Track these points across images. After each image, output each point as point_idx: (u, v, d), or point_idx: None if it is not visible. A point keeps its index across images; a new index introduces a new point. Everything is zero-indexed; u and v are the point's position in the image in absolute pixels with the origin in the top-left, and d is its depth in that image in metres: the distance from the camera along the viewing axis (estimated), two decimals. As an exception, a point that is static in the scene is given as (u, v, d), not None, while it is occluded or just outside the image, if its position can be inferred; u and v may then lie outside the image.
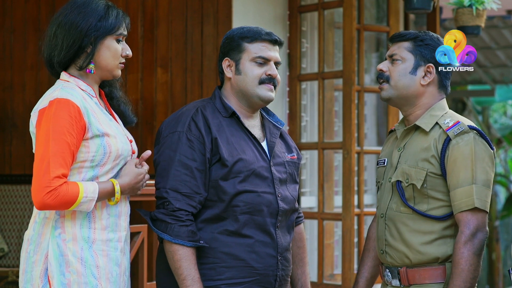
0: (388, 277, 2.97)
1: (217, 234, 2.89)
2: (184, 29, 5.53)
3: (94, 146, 2.76)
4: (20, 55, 6.08)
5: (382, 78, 3.02)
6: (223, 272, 2.88)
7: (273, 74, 2.99)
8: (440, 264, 2.89)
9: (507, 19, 8.12)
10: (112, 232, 2.82)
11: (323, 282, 5.43)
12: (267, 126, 3.08)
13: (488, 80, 11.14)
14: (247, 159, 2.92)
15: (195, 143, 2.88)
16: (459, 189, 2.85)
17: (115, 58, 2.86)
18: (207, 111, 2.95)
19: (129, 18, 2.93)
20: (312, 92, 5.97)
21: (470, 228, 2.82)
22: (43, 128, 2.71)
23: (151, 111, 5.62)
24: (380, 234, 2.98)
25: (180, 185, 2.85)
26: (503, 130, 14.03)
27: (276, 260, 2.95)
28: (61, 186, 2.65)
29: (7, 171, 6.10)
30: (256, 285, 2.91)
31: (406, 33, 3.01)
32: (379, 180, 3.08)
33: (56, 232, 2.74)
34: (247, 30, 3.01)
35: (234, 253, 2.89)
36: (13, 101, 6.10)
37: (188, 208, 2.85)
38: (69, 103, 2.72)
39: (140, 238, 4.46)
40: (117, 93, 3.00)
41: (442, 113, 2.98)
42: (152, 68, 5.65)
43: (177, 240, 2.83)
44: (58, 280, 2.72)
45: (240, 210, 2.88)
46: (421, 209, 2.91)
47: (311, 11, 5.68)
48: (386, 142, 3.16)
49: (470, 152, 2.87)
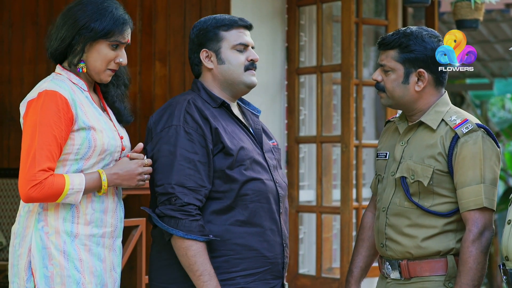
0: (388, 270, 2.97)
1: (228, 226, 2.86)
2: (182, 23, 5.52)
3: (79, 139, 2.75)
4: (18, 49, 6.07)
5: (379, 88, 3.01)
6: (238, 264, 2.85)
7: (255, 59, 3.00)
8: (441, 257, 2.90)
9: (505, 12, 8.11)
10: (96, 228, 2.80)
11: (321, 276, 5.44)
12: (247, 114, 3.08)
13: (486, 74, 11.14)
14: (247, 147, 2.91)
15: (194, 136, 2.84)
16: (467, 187, 2.85)
17: (103, 63, 2.83)
18: (198, 102, 2.92)
19: (132, 25, 2.90)
20: (310, 85, 5.96)
21: (478, 227, 2.83)
22: (30, 120, 2.70)
23: (149, 105, 5.61)
24: (381, 228, 2.98)
25: (185, 180, 2.81)
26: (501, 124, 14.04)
27: (283, 247, 2.96)
28: (47, 179, 2.65)
29: (5, 164, 6.10)
30: (268, 274, 2.91)
31: (389, 40, 2.96)
32: (379, 173, 3.07)
33: (39, 225, 2.75)
34: (220, 19, 2.99)
35: (248, 244, 2.87)
36: (11, 95, 6.09)
37: (196, 202, 2.81)
38: (57, 94, 2.71)
39: (138, 232, 4.47)
40: (114, 90, 2.97)
41: (446, 109, 2.97)
42: (150, 62, 5.65)
43: (190, 236, 2.78)
44: (41, 272, 2.72)
45: (250, 198, 2.87)
46: (425, 205, 2.91)
47: (310, 5, 5.67)
48: (384, 133, 3.15)
49: (478, 151, 2.87)
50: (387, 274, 2.99)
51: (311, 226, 5.93)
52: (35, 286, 2.73)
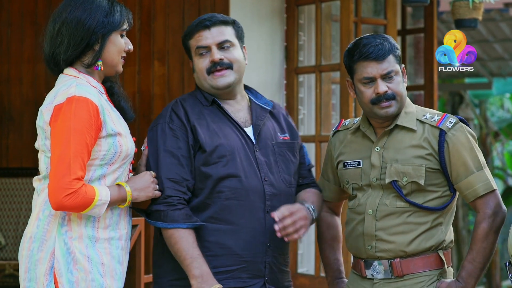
0: (375, 271, 2.96)
1: (203, 222, 2.88)
2: (181, 22, 5.52)
3: (106, 145, 2.74)
4: (17, 49, 6.07)
5: (388, 98, 2.91)
6: (210, 261, 2.85)
7: (214, 59, 2.95)
8: (432, 252, 2.93)
9: (504, 12, 8.11)
10: (113, 231, 2.80)
11: (320, 275, 5.44)
12: (254, 109, 3.05)
13: (485, 73, 11.14)
14: (230, 144, 2.92)
15: (178, 132, 2.90)
16: (471, 176, 2.90)
17: (120, 53, 2.84)
18: (187, 102, 2.97)
19: (131, 12, 2.91)
20: (309, 85, 5.96)
21: (492, 208, 2.89)
22: (61, 126, 2.66)
23: (148, 104, 5.61)
24: (369, 231, 2.95)
25: (169, 172, 2.86)
26: (500, 123, 14.04)
27: (265, 246, 2.92)
28: (81, 188, 2.63)
29: (4, 164, 6.10)
30: (244, 273, 2.90)
31: (385, 48, 2.90)
32: (354, 182, 3.02)
33: (63, 230, 2.72)
34: (187, 28, 3.02)
35: (220, 241, 2.88)
36: (10, 95, 6.09)
37: (178, 194, 2.86)
38: (88, 101, 2.69)
39: (137, 231, 4.47)
40: (118, 89, 2.97)
41: (414, 109, 2.99)
42: (149, 61, 5.65)
43: (172, 225, 2.83)
44: (66, 277, 2.69)
45: (225, 195, 2.87)
46: (418, 202, 2.92)
47: (309, 4, 5.67)
48: (341, 143, 3.10)
49: (467, 140, 2.92)
50: (373, 275, 2.97)
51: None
52: None
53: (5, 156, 6.11)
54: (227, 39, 2.97)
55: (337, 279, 3.17)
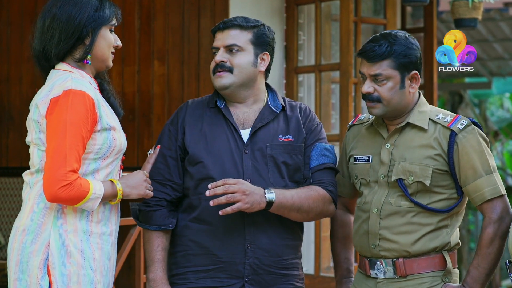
0: (379, 270, 2.97)
1: (188, 222, 2.97)
2: (181, 22, 5.52)
3: (101, 139, 2.76)
4: (17, 48, 6.07)
5: (372, 99, 2.92)
6: (191, 260, 2.95)
7: (216, 60, 2.99)
8: (437, 253, 2.92)
9: (504, 11, 8.11)
10: (105, 226, 2.82)
11: (319, 275, 5.44)
12: (262, 112, 3.04)
13: (485, 73, 11.14)
14: (215, 146, 2.95)
15: (173, 133, 3.01)
16: (480, 179, 2.89)
17: (109, 48, 2.86)
18: (192, 104, 3.06)
19: (119, 8, 2.93)
20: (309, 84, 5.96)
21: (498, 213, 2.88)
22: (57, 118, 2.68)
23: (148, 103, 5.61)
24: (373, 229, 2.96)
25: (154, 173, 2.98)
26: (500, 122, 14.04)
27: (244, 247, 2.92)
28: (76, 180, 2.64)
29: (4, 163, 6.10)
30: (221, 273, 2.93)
31: (381, 51, 2.89)
32: (362, 177, 3.03)
33: (58, 222, 2.73)
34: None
35: (199, 241, 2.95)
36: (10, 94, 6.10)
37: (158, 194, 2.96)
38: (85, 95, 2.71)
39: (137, 231, 4.47)
40: (107, 85, 2.97)
41: (428, 108, 2.99)
42: (149, 61, 5.65)
43: (143, 225, 2.99)
44: (59, 271, 2.70)
45: (204, 196, 2.88)
46: (423, 203, 2.92)
47: (308, 4, 5.67)
48: (355, 137, 3.11)
49: (478, 143, 2.91)
50: (377, 274, 2.98)
51: (309, 225, 5.93)
52: (51, 284, 2.70)
53: (5, 156, 6.12)
54: (235, 43, 2.98)
55: (345, 278, 3.17)
